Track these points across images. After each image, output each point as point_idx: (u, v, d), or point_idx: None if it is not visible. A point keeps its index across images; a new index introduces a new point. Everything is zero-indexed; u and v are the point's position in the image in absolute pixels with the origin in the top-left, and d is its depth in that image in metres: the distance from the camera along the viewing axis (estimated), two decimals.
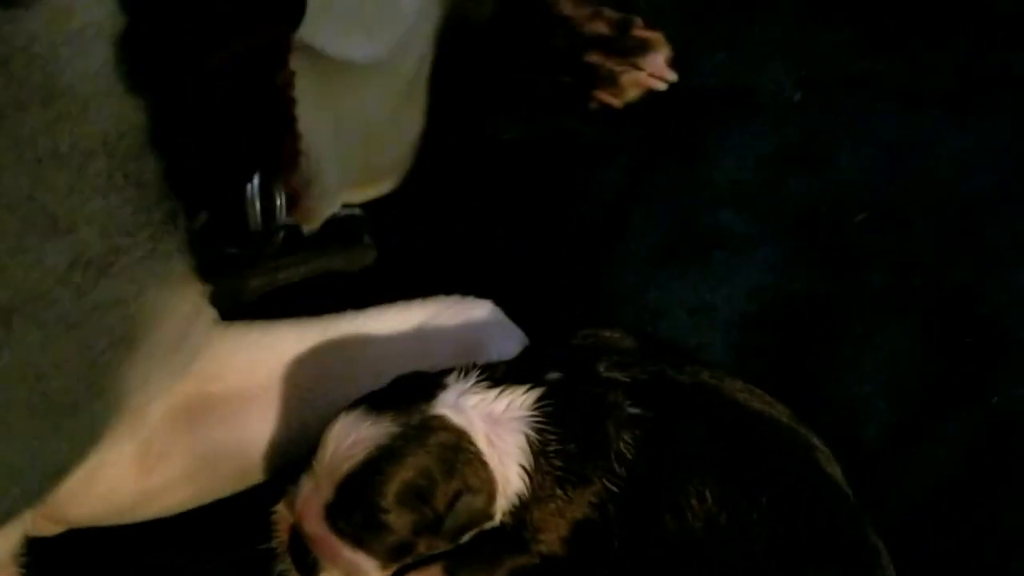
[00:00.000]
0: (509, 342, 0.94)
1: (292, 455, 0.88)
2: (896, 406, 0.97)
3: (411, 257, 1.05)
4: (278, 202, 0.69)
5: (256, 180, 0.66)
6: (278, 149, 0.67)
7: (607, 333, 0.89)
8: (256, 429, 0.89)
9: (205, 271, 0.69)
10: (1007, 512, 0.91)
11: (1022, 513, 0.91)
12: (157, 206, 0.64)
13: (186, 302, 0.69)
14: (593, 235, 1.09)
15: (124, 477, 0.84)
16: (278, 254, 0.73)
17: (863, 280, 1.04)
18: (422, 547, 0.79)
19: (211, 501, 0.90)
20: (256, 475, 0.90)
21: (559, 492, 0.81)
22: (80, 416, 0.65)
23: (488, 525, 0.82)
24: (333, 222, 0.76)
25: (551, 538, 0.83)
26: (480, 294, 0.98)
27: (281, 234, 0.71)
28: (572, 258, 1.07)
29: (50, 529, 0.85)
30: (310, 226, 0.76)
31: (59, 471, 0.68)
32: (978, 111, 1.17)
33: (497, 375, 0.82)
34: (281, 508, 0.86)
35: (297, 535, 0.84)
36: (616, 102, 1.16)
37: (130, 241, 0.62)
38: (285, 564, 0.86)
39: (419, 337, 0.94)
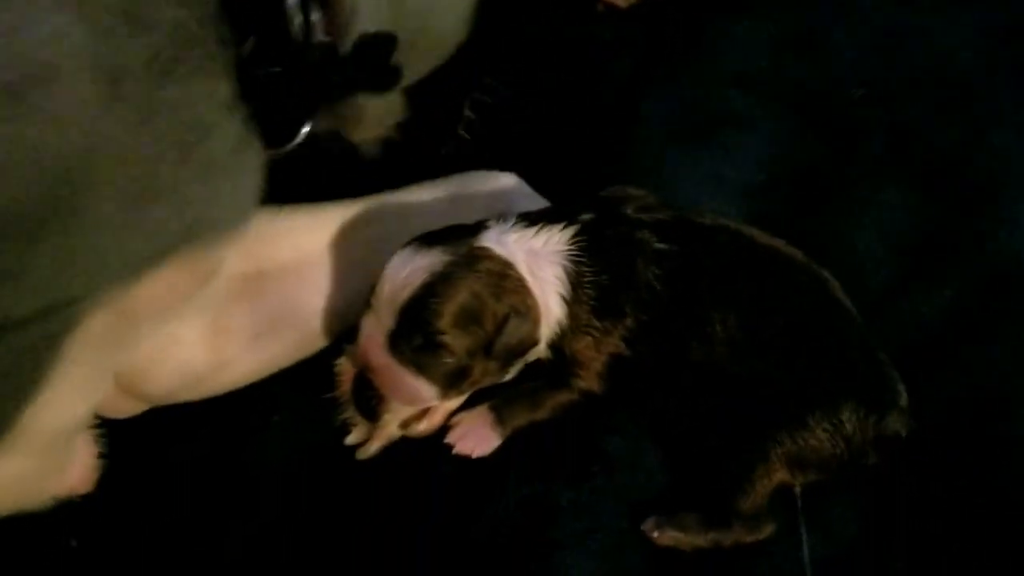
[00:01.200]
0: (535, 206, 0.99)
1: (347, 322, 0.93)
2: (897, 257, 1.03)
3: (433, 146, 1.11)
4: (314, 17, 0.73)
5: None
6: None
7: (632, 189, 0.95)
8: (312, 298, 0.94)
9: (249, 94, 0.74)
10: (1007, 344, 0.98)
11: (1016, 341, 0.97)
12: (213, 25, 0.69)
13: (232, 127, 0.74)
14: (608, 120, 1.15)
15: (195, 351, 0.89)
16: (315, 73, 0.77)
17: (862, 148, 1.11)
18: (477, 372, 0.85)
19: (277, 370, 0.95)
20: (316, 343, 0.96)
21: (595, 323, 0.87)
22: (148, 210, 0.70)
23: (533, 356, 0.89)
24: (364, 44, 0.79)
25: (589, 373, 0.90)
26: (502, 169, 1.04)
27: (317, 53, 0.75)
28: (589, 140, 1.13)
29: (128, 408, 0.91)
30: (343, 45, 0.79)
31: (118, 278, 0.73)
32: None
33: (534, 217, 0.88)
34: (342, 361, 0.94)
35: (360, 382, 0.91)
36: (621, 2, 1.23)
37: (190, 51, 0.68)
38: (348, 412, 0.93)
39: (452, 205, 1.00)
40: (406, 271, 0.83)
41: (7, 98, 0.62)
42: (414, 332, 0.82)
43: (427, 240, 0.85)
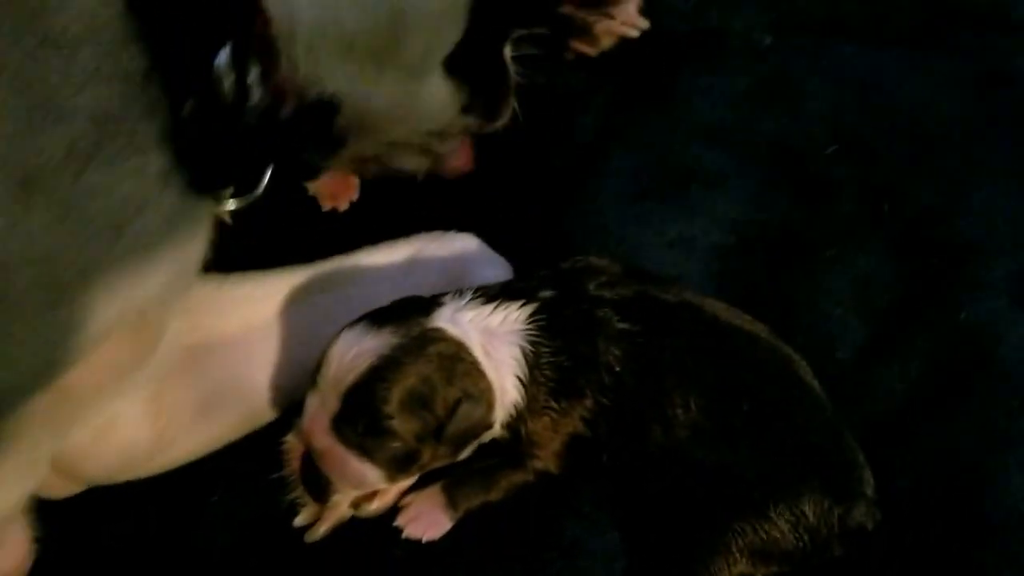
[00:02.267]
0: (494, 270, 0.97)
1: (296, 395, 0.89)
2: (868, 324, 1.00)
3: (393, 200, 1.07)
4: (251, 76, 0.68)
5: (227, 51, 0.66)
6: (250, 19, 0.66)
7: (595, 259, 0.91)
8: (258, 371, 0.91)
9: (185, 157, 0.69)
10: (979, 417, 0.95)
11: (993, 416, 0.94)
12: (138, 98, 0.65)
13: (166, 199, 0.70)
14: (572, 174, 1.11)
15: (138, 428, 0.86)
16: (253, 137, 0.72)
17: (834, 208, 1.08)
18: (426, 456, 0.81)
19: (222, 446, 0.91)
20: (262, 417, 0.92)
21: (553, 404, 0.84)
22: (75, 307, 0.67)
23: (487, 437, 0.85)
24: (304, 108, 0.75)
25: (546, 453, 0.86)
26: (462, 231, 1.01)
27: (255, 112, 0.70)
28: (552, 196, 1.09)
29: (67, 489, 0.87)
30: (286, 108, 0.75)
31: (53, 365, 0.69)
32: (939, 49, 1.21)
33: (491, 293, 0.85)
34: (290, 438, 0.89)
35: (308, 461, 0.87)
36: (591, 51, 1.19)
37: (114, 130, 0.64)
38: (297, 492, 0.89)
39: (408, 270, 0.96)
40: (352, 353, 0.79)
41: None
42: (359, 416, 0.79)
43: (376, 319, 0.81)
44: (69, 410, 0.77)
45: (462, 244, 0.99)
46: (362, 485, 0.83)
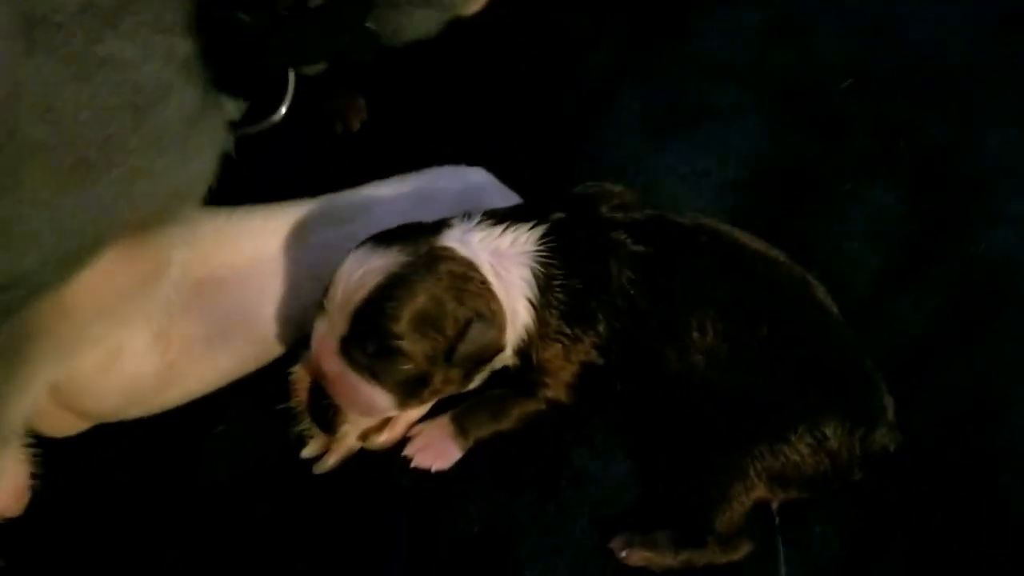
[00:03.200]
0: (505, 202, 0.93)
1: (304, 329, 0.86)
2: (884, 258, 0.98)
3: (409, 134, 1.06)
4: None
5: None
6: None
7: (608, 184, 0.88)
8: (267, 304, 0.88)
9: (214, 45, 0.66)
10: (997, 347, 0.92)
11: (1011, 346, 0.92)
12: None
13: (190, 91, 0.67)
14: (584, 110, 1.09)
15: (145, 362, 0.83)
16: (284, 27, 0.69)
17: (848, 143, 1.06)
18: (437, 380, 0.79)
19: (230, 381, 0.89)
20: (271, 351, 0.90)
21: (565, 329, 0.81)
22: (94, 182, 0.64)
23: (499, 363, 0.82)
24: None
25: (557, 383, 0.84)
26: (473, 165, 0.98)
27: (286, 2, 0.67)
28: (564, 131, 1.07)
29: (70, 426, 0.84)
30: None
31: (76, 245, 0.66)
32: None
33: (501, 215, 0.82)
34: (298, 370, 0.87)
35: (316, 391, 0.84)
36: None
37: (136, 3, 0.61)
38: (304, 424, 0.87)
39: (417, 204, 0.93)
40: (360, 272, 0.76)
41: None
42: (368, 337, 0.76)
43: (383, 239, 0.78)
44: (69, 331, 0.75)
45: (473, 177, 0.96)
46: (372, 411, 0.80)
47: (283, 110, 0.78)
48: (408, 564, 0.81)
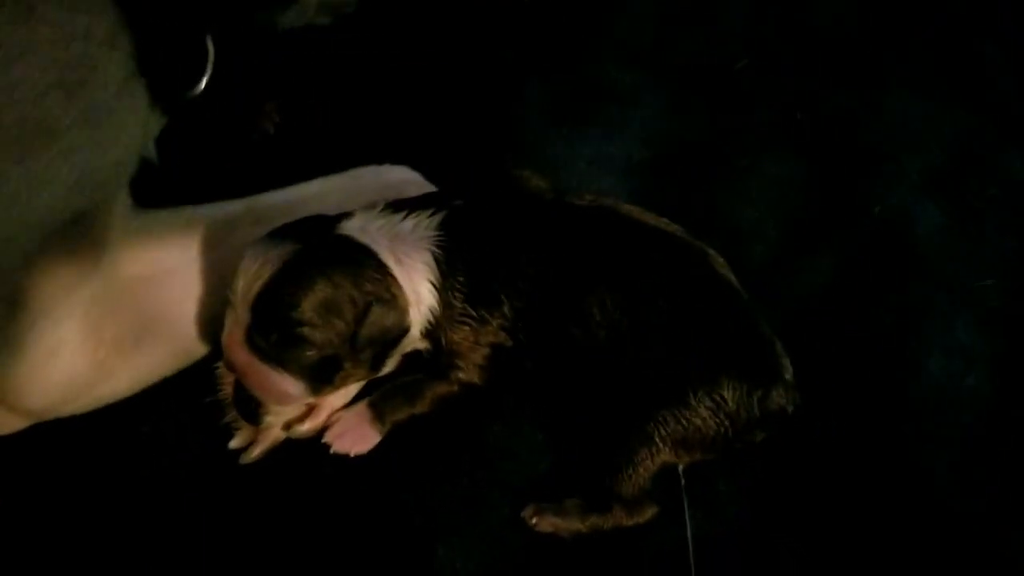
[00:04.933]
0: None
1: None
2: (784, 225, 1.00)
3: (326, 134, 1.06)
4: None
5: None
6: None
7: (515, 170, 0.89)
8: (193, 302, 0.88)
9: (132, 18, 0.69)
10: (897, 304, 0.95)
11: (911, 302, 0.94)
12: None
13: (115, 66, 0.69)
14: (492, 99, 1.09)
15: (78, 359, 0.83)
16: None
17: (748, 120, 1.08)
18: (347, 366, 0.79)
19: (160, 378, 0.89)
20: (199, 347, 0.90)
21: (470, 311, 0.82)
22: (35, 159, 0.67)
23: (409, 346, 0.83)
24: None
25: (468, 364, 0.85)
26: (392, 161, 0.99)
27: None
28: (474, 123, 1.07)
29: (11, 424, 0.85)
30: None
31: (20, 221, 0.69)
32: None
33: (403, 204, 0.83)
34: (222, 363, 0.86)
35: (240, 385, 0.85)
36: None
37: None
38: (231, 416, 0.87)
39: (342, 202, 0.93)
40: (258, 264, 0.77)
41: None
42: (270, 326, 0.77)
43: (281, 232, 0.79)
44: (16, 329, 0.76)
45: (396, 175, 0.97)
46: (285, 399, 0.81)
47: (203, 83, 0.78)
48: (327, 543, 0.82)
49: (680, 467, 0.84)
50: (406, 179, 0.97)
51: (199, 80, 0.77)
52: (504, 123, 1.07)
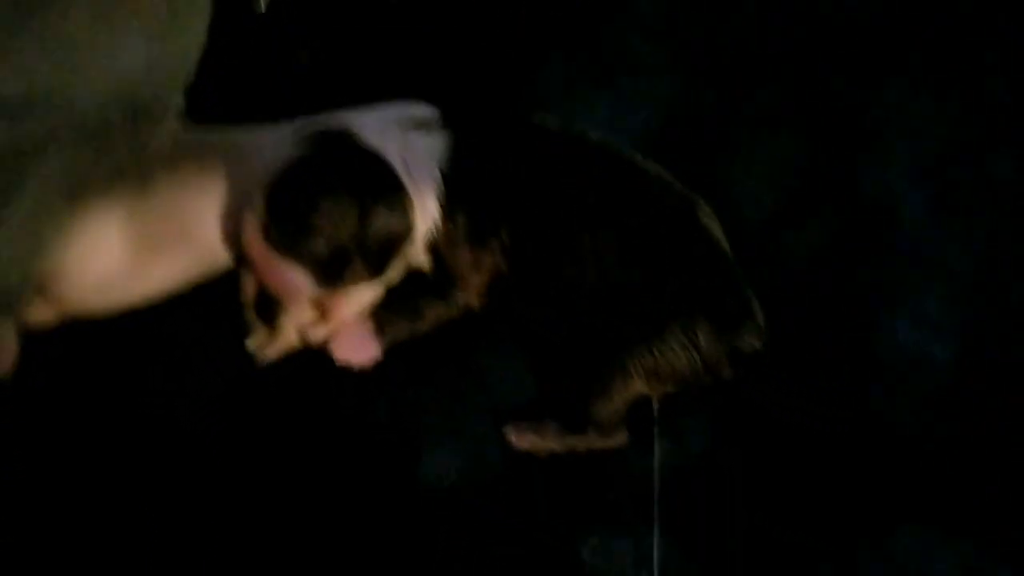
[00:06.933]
0: None
1: None
2: (777, 195, 1.03)
3: (360, 72, 1.10)
4: None
5: None
6: None
7: (534, 113, 0.91)
8: (225, 215, 0.89)
9: None
10: (874, 275, 0.98)
11: (887, 275, 0.97)
12: None
13: None
14: (516, 66, 1.13)
15: (116, 256, 0.87)
16: None
17: (757, 96, 1.10)
18: (353, 264, 0.82)
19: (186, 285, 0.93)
20: (225, 257, 0.91)
21: (473, 233, 0.85)
22: (123, 34, 0.70)
23: (413, 257, 0.86)
24: None
25: (469, 287, 0.88)
26: None
27: None
28: (506, 86, 1.11)
29: (45, 314, 0.88)
30: None
31: (101, 88, 0.71)
32: None
33: (418, 121, 0.86)
34: (244, 270, 0.90)
35: (261, 290, 0.89)
36: None
37: None
38: (249, 316, 0.92)
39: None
40: (277, 160, 0.81)
41: None
42: (284, 217, 0.80)
43: (301, 130, 0.83)
44: (73, 216, 0.80)
45: (419, 112, 0.98)
46: (295, 291, 0.84)
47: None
48: (324, 444, 0.86)
49: (654, 400, 0.87)
50: (428, 116, 1.00)
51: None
52: (528, 84, 1.10)
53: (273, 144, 0.88)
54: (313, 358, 0.90)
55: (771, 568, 0.82)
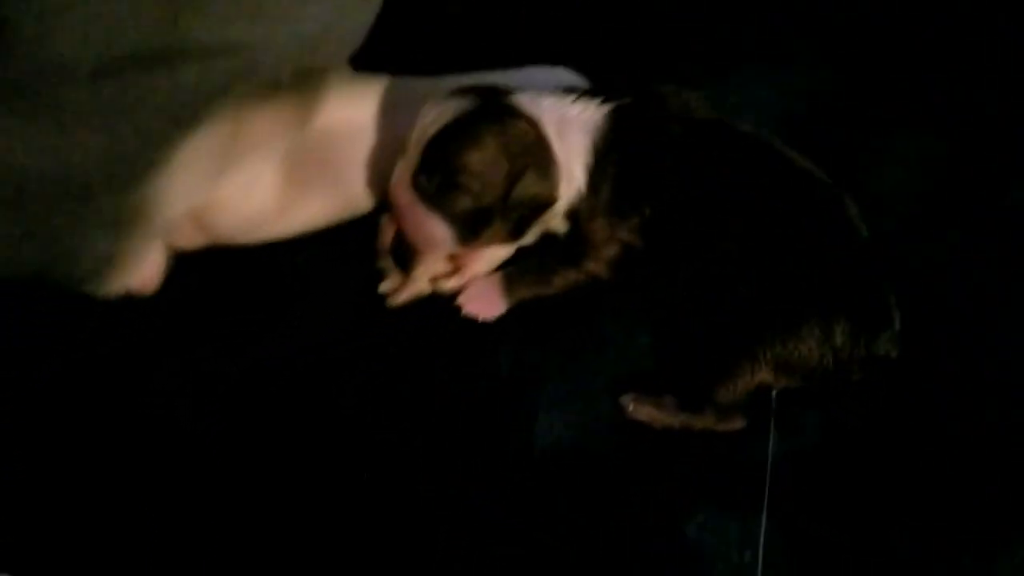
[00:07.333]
0: None
1: None
2: (912, 200, 1.00)
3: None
4: None
5: None
6: None
7: (682, 89, 0.90)
8: (374, 161, 0.93)
9: None
10: (1009, 290, 0.95)
11: (1016, 296, 0.94)
12: None
13: None
14: (646, 45, 1.12)
15: (270, 194, 0.90)
16: None
17: (894, 89, 1.07)
18: (496, 223, 0.83)
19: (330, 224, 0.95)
20: (368, 201, 0.95)
21: (614, 204, 0.85)
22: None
23: (551, 221, 0.87)
24: None
25: (600, 257, 0.88)
26: None
27: None
28: (639, 62, 1.09)
29: (194, 240, 0.91)
30: None
31: (295, 41, 0.73)
32: None
33: (573, 89, 0.87)
34: (386, 216, 0.93)
35: (398, 236, 0.91)
36: None
37: None
38: (385, 262, 0.94)
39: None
40: (435, 113, 0.82)
41: None
42: (434, 171, 0.82)
43: (463, 90, 0.84)
44: (231, 154, 0.82)
45: (561, 75, 0.99)
46: (435, 243, 0.85)
47: None
48: (445, 393, 0.88)
49: (774, 391, 0.86)
50: (570, 80, 1.00)
51: None
52: (661, 65, 1.09)
53: (429, 97, 0.89)
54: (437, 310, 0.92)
55: (872, 568, 0.82)
